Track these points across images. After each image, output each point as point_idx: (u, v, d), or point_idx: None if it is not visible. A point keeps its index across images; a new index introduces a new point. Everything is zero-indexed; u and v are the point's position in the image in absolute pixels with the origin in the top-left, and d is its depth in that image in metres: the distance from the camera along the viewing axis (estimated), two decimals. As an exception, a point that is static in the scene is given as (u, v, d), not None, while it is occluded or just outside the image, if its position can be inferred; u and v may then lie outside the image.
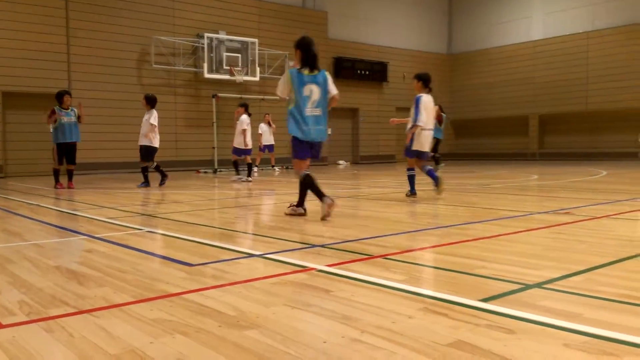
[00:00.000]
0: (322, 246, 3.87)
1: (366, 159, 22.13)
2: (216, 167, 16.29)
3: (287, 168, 16.86)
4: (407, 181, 7.45)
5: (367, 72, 21.79)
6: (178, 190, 9.57)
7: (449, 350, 1.83)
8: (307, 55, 5.23)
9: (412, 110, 6.97)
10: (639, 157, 11.11)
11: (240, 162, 12.06)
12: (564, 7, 21.30)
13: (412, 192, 7.31)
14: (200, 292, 2.64)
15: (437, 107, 14.24)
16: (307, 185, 5.42)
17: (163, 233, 4.69)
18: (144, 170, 10.13)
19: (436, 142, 13.42)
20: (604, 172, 12.28)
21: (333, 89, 5.43)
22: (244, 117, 11.69)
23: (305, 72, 5.22)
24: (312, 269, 3.09)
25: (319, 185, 5.43)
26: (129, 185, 10.76)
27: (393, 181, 11.30)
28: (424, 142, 7.09)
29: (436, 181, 7.07)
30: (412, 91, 7.51)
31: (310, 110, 5.24)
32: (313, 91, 5.21)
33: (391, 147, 23.21)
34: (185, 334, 2.03)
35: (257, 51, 17.55)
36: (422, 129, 6.99)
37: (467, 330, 2.02)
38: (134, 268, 3.22)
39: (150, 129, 9.88)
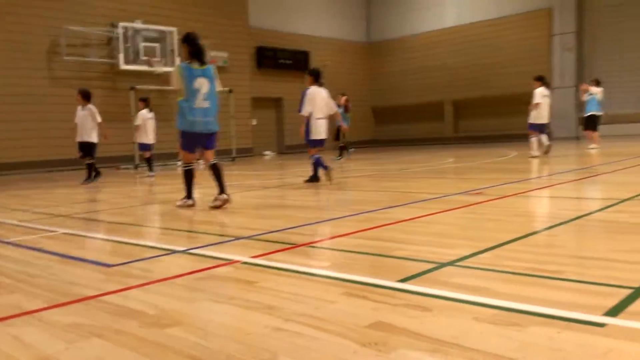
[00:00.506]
0: (247, 238, 3.87)
1: (292, 149, 22.17)
2: (137, 162, 15.73)
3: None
4: (312, 168, 7.89)
5: (290, 62, 21.77)
6: (96, 188, 9.18)
7: (368, 331, 1.90)
8: (194, 49, 5.37)
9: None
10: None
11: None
12: (474, -5, 22.28)
13: (315, 178, 7.87)
14: (120, 293, 2.57)
15: (345, 97, 14.55)
16: (185, 177, 5.74)
17: (80, 234, 4.50)
18: (90, 167, 9.91)
19: (339, 130, 13.76)
20: (514, 153, 13.04)
21: (218, 85, 5.61)
22: (142, 112, 11.41)
23: (195, 65, 5.36)
24: (237, 261, 3.09)
25: (193, 183, 5.80)
26: (43, 185, 10.18)
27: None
28: (321, 131, 7.71)
29: (326, 169, 7.61)
30: (333, 78, 7.70)
31: (199, 103, 5.39)
32: (203, 84, 5.36)
33: (316, 135, 23.37)
34: (103, 337, 1.98)
35: (175, 40, 17.03)
36: (317, 119, 7.62)
37: (386, 311, 2.11)
38: (47, 272, 3.07)
39: (94, 125, 9.72)
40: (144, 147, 11.58)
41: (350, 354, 1.72)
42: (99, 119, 9.77)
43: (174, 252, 3.47)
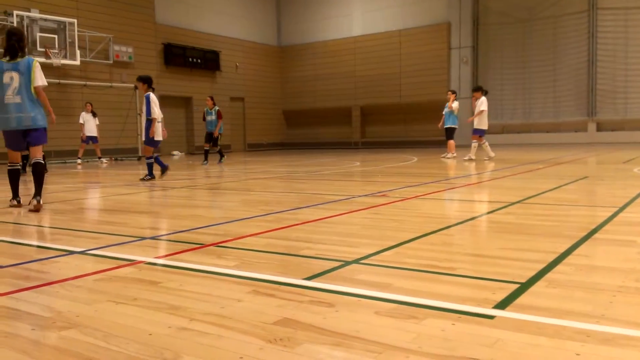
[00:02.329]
0: (152, 238, 3.76)
1: (201, 149, 21.67)
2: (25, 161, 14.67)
3: (115, 159, 15.86)
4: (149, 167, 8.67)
5: (199, 61, 21.31)
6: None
7: (274, 327, 1.93)
8: (6, 44, 5.33)
9: (144, 108, 8.35)
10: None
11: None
12: (379, 6, 23.14)
13: (150, 176, 8.66)
14: (10, 295, 2.41)
15: (209, 98, 14.46)
16: (8, 177, 5.58)
17: (-37, 235, 4.14)
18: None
19: (211, 135, 13.84)
20: (415, 159, 13.67)
21: (38, 80, 5.41)
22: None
23: (5, 59, 5.34)
24: (140, 262, 2.99)
25: (18, 184, 5.60)
26: None
27: (228, 170, 11.30)
28: (160, 133, 8.75)
29: (165, 168, 8.71)
30: (245, 80, 7.66)
31: (9, 98, 5.28)
32: (13, 78, 5.27)
33: (227, 136, 23.03)
34: (-9, 342, 1.85)
35: (76, 32, 16.10)
36: (158, 122, 8.52)
37: (292, 308, 2.15)
38: None
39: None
40: None
41: (255, 350, 1.74)
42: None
43: (72, 252, 3.30)
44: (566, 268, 2.68)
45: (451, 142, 13.79)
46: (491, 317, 2.00)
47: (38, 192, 5.32)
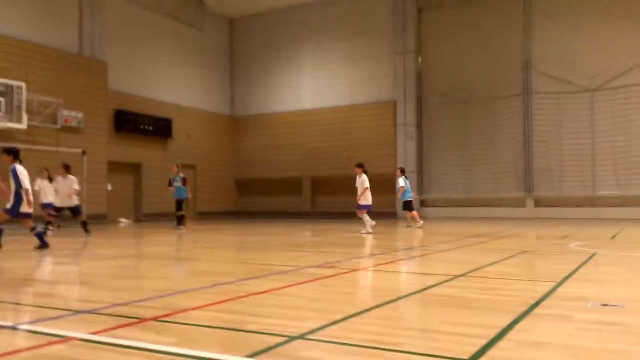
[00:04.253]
0: (89, 312, 3.58)
1: (150, 217, 21.17)
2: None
3: (58, 227, 15.20)
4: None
5: (151, 127, 21.25)
6: None
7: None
8: None
9: (12, 180, 8.03)
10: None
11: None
12: (328, 82, 24.13)
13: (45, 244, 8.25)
14: None
15: (174, 165, 14.87)
16: None
17: None
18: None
19: (179, 202, 14.31)
20: (364, 230, 13.79)
21: None
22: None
23: None
24: (73, 338, 2.84)
25: None
26: None
27: (173, 239, 11.03)
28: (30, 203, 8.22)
29: (43, 244, 8.24)
30: (196, 148, 7.64)
31: None
32: None
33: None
34: None
35: (24, 96, 15.83)
36: (31, 192, 8.18)
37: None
38: None
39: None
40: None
41: None
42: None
43: (1, 328, 3.09)
44: (508, 344, 2.72)
45: (414, 213, 14.73)
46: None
47: None
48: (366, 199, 12.38)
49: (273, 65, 25.46)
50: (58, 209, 11.87)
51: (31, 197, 8.12)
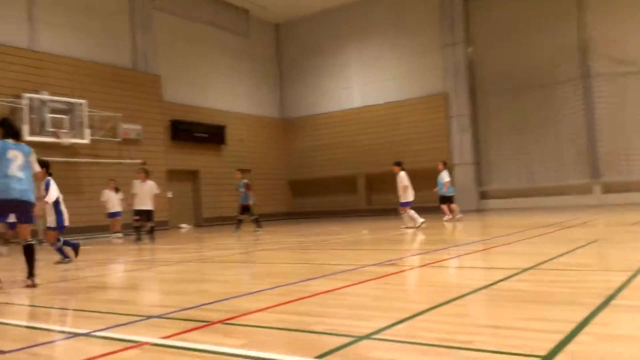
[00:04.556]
0: (158, 317, 3.68)
1: (209, 221, 21.73)
2: (40, 237, 14.67)
3: (125, 235, 15.83)
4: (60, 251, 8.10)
5: (205, 135, 21.81)
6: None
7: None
8: (8, 130, 5.86)
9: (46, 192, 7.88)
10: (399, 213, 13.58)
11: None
12: (376, 80, 23.91)
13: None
14: (12, 383, 2.33)
15: (237, 171, 15.52)
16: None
17: (-33, 319, 4.06)
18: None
19: (242, 207, 15.06)
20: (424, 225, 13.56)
21: (35, 167, 5.95)
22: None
23: (10, 140, 5.78)
24: (145, 343, 2.91)
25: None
26: None
27: (236, 242, 11.24)
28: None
29: (76, 250, 8.26)
30: (250, 153, 7.72)
31: (12, 171, 5.60)
32: (17, 156, 5.71)
33: (233, 208, 23.13)
34: None
35: (85, 112, 16.57)
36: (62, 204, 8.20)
37: (304, 389, 2.05)
38: None
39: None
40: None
41: None
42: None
43: (76, 335, 3.22)
44: (586, 338, 2.58)
45: (453, 206, 14.68)
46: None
47: (30, 273, 5.59)
48: (406, 196, 12.50)
49: (320, 66, 25.53)
50: (138, 212, 12.34)
51: (63, 211, 8.20)
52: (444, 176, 14.73)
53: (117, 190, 15.27)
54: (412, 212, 12.37)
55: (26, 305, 4.64)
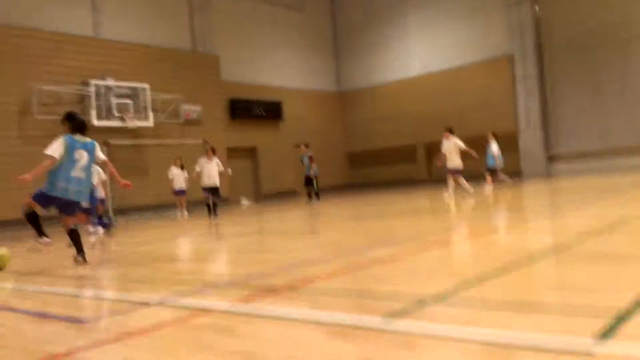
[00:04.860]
0: (226, 285, 3.78)
1: (269, 196, 22.14)
2: (113, 215, 15.45)
3: (188, 212, 16.37)
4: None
5: (263, 112, 22.08)
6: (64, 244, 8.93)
7: (354, 371, 1.84)
8: (76, 124, 5.81)
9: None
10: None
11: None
12: (436, 46, 23.13)
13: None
14: (94, 348, 2.46)
15: (302, 145, 15.87)
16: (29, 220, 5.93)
17: (51, 291, 4.34)
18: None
19: (307, 178, 15.56)
20: (486, 192, 13.20)
21: (101, 155, 5.99)
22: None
23: (77, 137, 5.74)
24: (215, 309, 2.99)
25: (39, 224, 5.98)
26: (14, 245, 9.87)
27: (295, 215, 11.37)
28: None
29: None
30: (307, 127, 7.72)
31: (76, 172, 5.65)
32: (82, 156, 5.71)
33: (292, 182, 23.47)
34: (76, 393, 1.87)
35: (148, 96, 17.12)
36: None
37: (373, 350, 2.04)
38: (16, 332, 2.93)
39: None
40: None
41: (336, 395, 1.65)
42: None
43: (149, 304, 3.36)
44: (672, 296, 2.42)
45: (501, 175, 15.09)
46: (592, 354, 1.82)
47: (81, 249, 5.81)
48: (456, 162, 12.70)
49: (377, 36, 25.01)
50: (207, 189, 12.71)
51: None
52: (494, 148, 14.89)
53: (182, 167, 15.70)
54: (462, 180, 12.48)
55: (100, 279, 4.90)
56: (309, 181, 15.34)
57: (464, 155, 12.85)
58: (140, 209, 16.96)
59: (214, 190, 12.66)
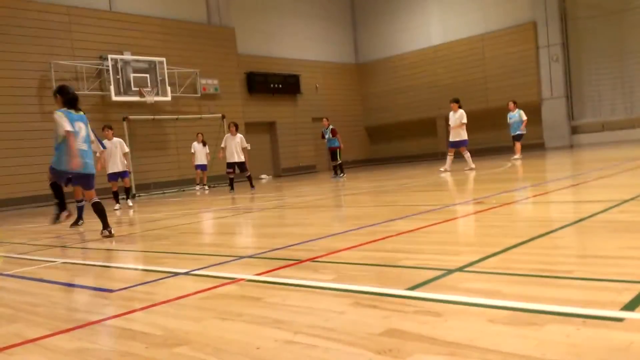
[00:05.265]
0: (250, 257, 3.82)
1: (288, 171, 22.18)
2: (134, 192, 15.66)
3: (209, 187, 16.52)
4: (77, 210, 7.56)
5: (280, 85, 21.89)
6: (93, 218, 9.08)
7: (381, 338, 1.85)
8: (68, 98, 5.77)
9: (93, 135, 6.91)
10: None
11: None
12: (458, 12, 22.56)
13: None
14: (124, 316, 2.51)
15: (324, 119, 15.81)
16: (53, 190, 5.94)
17: (79, 262, 4.43)
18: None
19: (332, 152, 15.50)
20: (510, 164, 13.06)
21: (92, 135, 6.15)
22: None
23: (72, 111, 5.76)
24: (241, 279, 3.04)
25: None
26: (38, 220, 10.09)
27: (315, 189, 11.39)
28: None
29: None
30: (325, 100, 7.67)
31: (79, 145, 5.66)
32: (81, 128, 5.75)
33: (311, 157, 23.45)
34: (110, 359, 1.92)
35: (165, 70, 17.13)
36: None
37: (397, 319, 2.06)
38: (49, 301, 3.01)
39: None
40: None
41: (365, 361, 1.67)
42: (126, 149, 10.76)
43: (176, 274, 3.41)
44: (703, 265, 2.38)
45: (518, 145, 14.92)
46: (620, 319, 1.80)
47: (104, 226, 5.87)
48: (462, 135, 12.77)
49: (396, 5, 24.47)
50: (231, 165, 12.82)
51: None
52: (522, 115, 14.86)
53: (204, 143, 15.86)
54: (467, 153, 12.48)
55: (126, 251, 4.98)
56: (334, 155, 15.44)
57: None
58: (160, 185, 17.14)
59: (240, 166, 12.74)
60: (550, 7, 20.29)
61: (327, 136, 15.39)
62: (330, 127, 15.50)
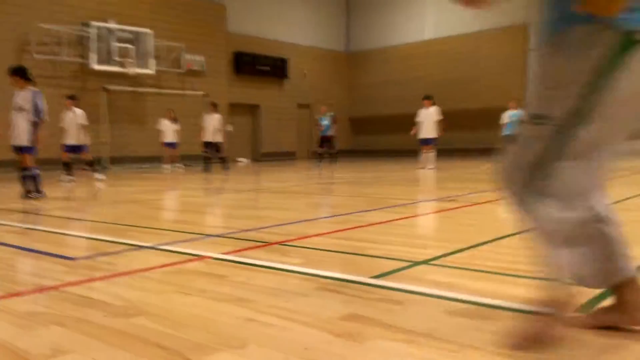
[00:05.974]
0: (218, 236, 3.79)
1: (267, 156, 22.01)
2: (106, 165, 15.42)
3: (186, 165, 16.33)
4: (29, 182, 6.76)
5: (268, 68, 21.64)
6: (63, 187, 8.93)
7: (341, 322, 1.85)
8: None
9: (28, 106, 6.84)
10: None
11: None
12: (453, 8, 22.46)
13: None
14: (83, 284, 2.47)
15: (323, 106, 15.75)
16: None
17: (42, 229, 4.34)
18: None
19: (324, 139, 15.74)
20: (488, 165, 13.17)
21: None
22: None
23: None
24: (208, 257, 3.01)
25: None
26: (6, 184, 9.87)
27: (293, 176, 11.37)
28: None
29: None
30: (311, 87, 7.63)
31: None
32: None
33: (292, 143, 23.31)
34: (64, 325, 1.88)
35: (151, 42, 16.80)
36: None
37: (360, 304, 2.06)
38: (6, 264, 2.94)
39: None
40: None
41: (324, 344, 1.67)
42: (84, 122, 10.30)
43: (140, 247, 3.37)
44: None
45: None
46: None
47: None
48: (435, 132, 12.99)
49: (391, -4, 24.22)
50: (207, 144, 12.75)
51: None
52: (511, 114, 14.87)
53: (175, 120, 15.22)
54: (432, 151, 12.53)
55: (91, 221, 4.90)
56: (325, 142, 15.56)
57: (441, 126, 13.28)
58: (137, 160, 16.88)
59: (214, 147, 12.67)
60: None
61: (325, 123, 15.61)
62: (330, 113, 15.75)
